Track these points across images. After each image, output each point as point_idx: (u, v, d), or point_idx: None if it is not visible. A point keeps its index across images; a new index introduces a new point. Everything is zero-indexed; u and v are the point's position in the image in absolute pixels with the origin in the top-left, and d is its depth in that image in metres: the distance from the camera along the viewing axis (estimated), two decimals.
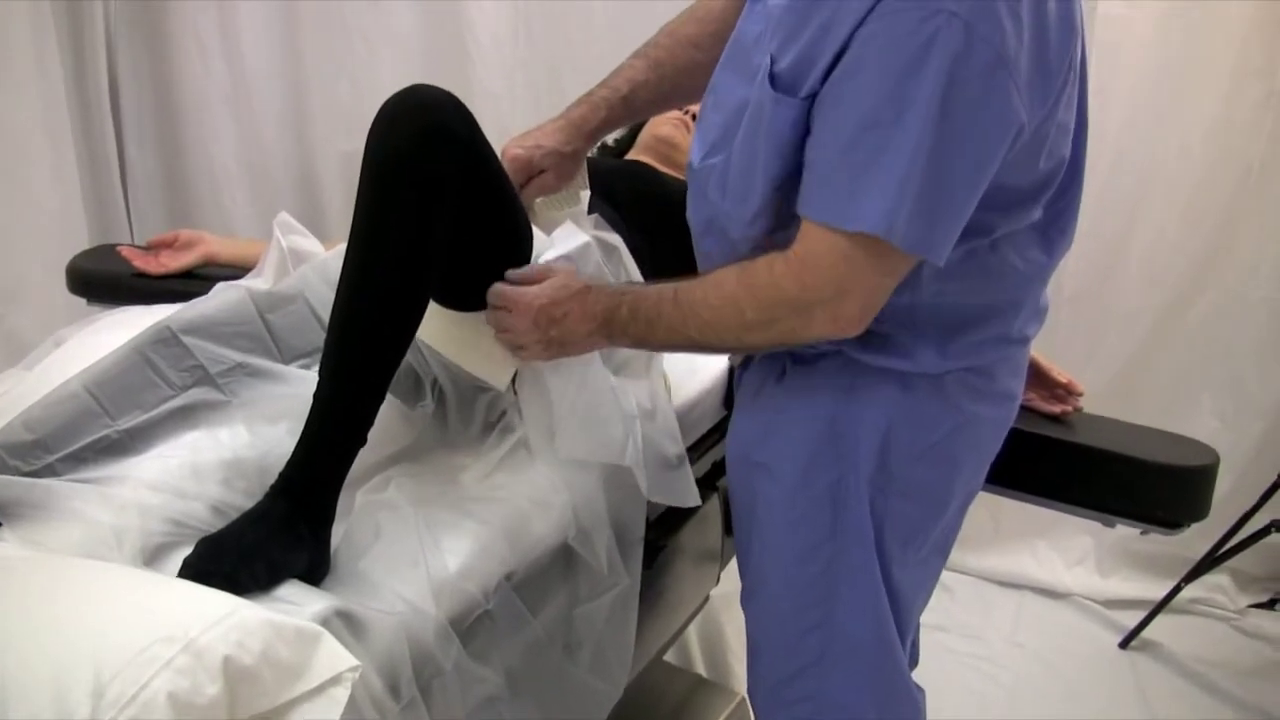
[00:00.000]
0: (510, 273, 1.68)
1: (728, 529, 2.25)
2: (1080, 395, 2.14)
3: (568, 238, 1.81)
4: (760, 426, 1.68)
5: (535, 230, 1.80)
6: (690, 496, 1.89)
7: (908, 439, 1.58)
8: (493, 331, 1.69)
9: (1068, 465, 2.01)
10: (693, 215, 1.65)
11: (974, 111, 1.30)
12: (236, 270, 2.30)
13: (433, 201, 1.52)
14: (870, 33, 1.30)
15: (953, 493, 1.65)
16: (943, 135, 1.29)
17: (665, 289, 1.57)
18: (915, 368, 1.55)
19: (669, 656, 2.71)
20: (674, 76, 1.86)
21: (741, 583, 1.78)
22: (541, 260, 1.75)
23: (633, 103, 1.88)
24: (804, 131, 1.41)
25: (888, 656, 1.67)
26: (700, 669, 2.89)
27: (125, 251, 2.44)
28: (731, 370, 2.16)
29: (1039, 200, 1.50)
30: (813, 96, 1.37)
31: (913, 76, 1.28)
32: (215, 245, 2.42)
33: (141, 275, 2.39)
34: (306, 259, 1.98)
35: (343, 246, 1.75)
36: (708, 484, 2.18)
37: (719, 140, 1.55)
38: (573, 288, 1.64)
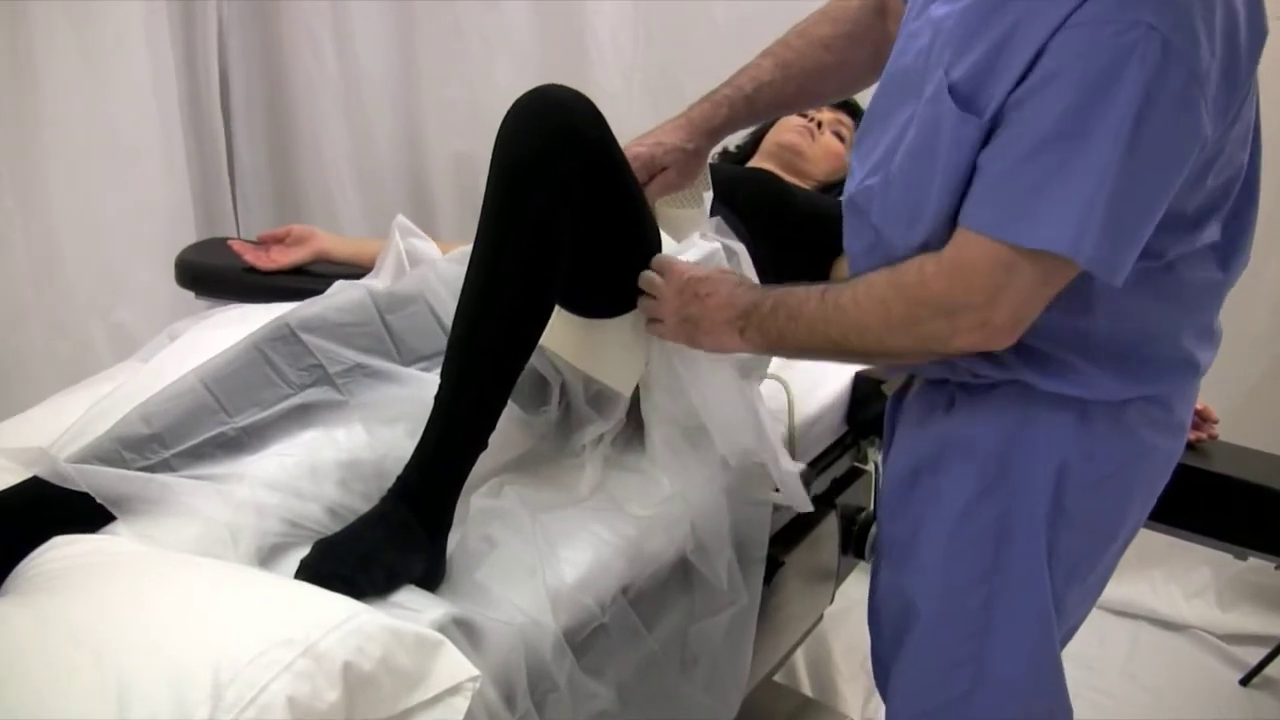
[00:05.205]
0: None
1: (844, 547, 2.23)
2: (1215, 422, 2.09)
3: (696, 245, 1.79)
4: (928, 453, 1.64)
5: (664, 236, 1.78)
6: (803, 501, 1.85)
7: (1083, 470, 1.53)
8: (617, 337, 1.69)
9: (1202, 494, 1.97)
10: (852, 242, 1.61)
11: (1166, 130, 1.26)
12: (349, 268, 2.31)
13: (562, 205, 1.51)
14: (1062, 43, 1.26)
15: (1123, 524, 1.61)
16: (1133, 154, 1.25)
17: (814, 288, 1.54)
18: (1094, 395, 1.50)
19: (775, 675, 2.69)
20: (800, 78, 1.83)
21: (878, 606, 1.75)
22: None
23: (756, 103, 1.84)
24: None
25: (1042, 698, 1.63)
26: (807, 689, 2.85)
27: (236, 245, 2.44)
28: (861, 390, 2.14)
29: (1208, 222, 1.44)
30: (996, 115, 1.33)
31: (1107, 91, 1.24)
32: (327, 242, 2.42)
33: (251, 270, 2.39)
34: (423, 262, 1.98)
35: (460, 250, 1.75)
36: (827, 500, 2.16)
37: (879, 162, 1.51)
38: (727, 274, 1.64)
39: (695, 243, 1.78)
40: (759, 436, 1.75)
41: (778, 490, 1.82)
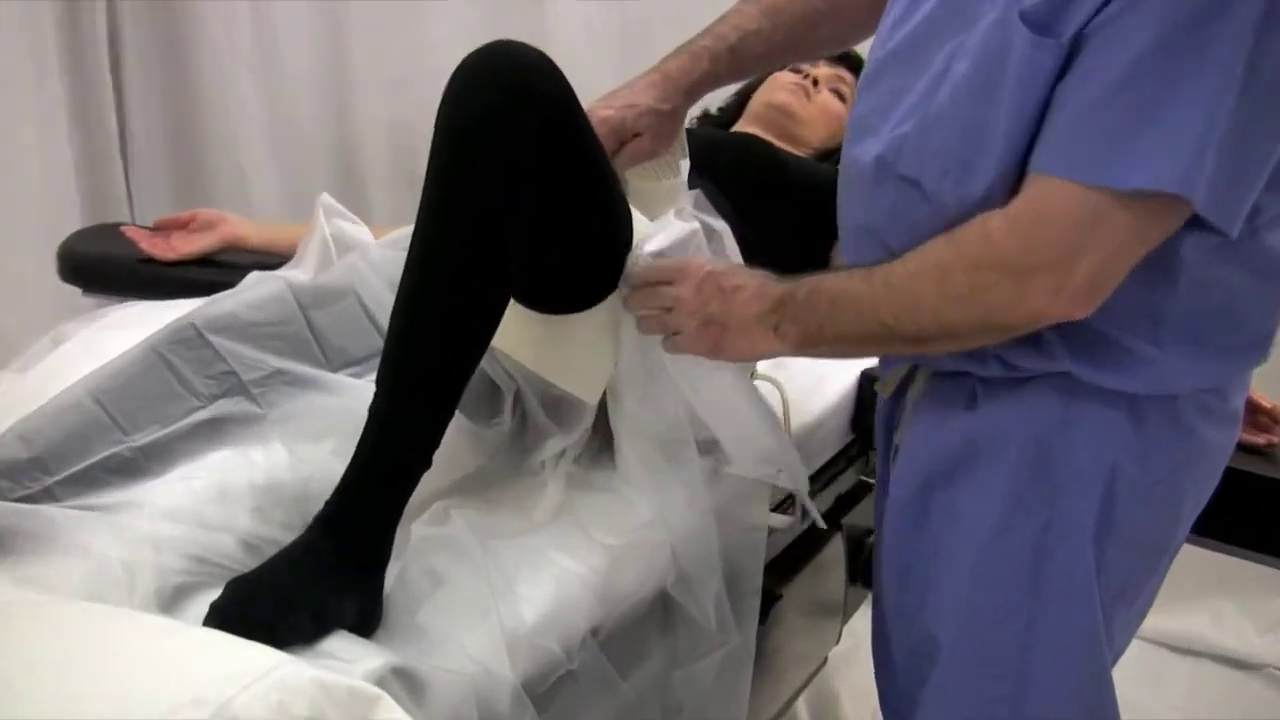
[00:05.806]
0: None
1: (852, 575, 2.23)
2: None
3: (671, 225, 1.79)
4: (945, 459, 1.63)
5: (635, 214, 1.77)
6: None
7: (1134, 475, 1.52)
8: (580, 336, 1.68)
9: (1275, 509, 1.96)
10: (867, 208, 1.60)
11: None
12: (264, 258, 2.29)
13: (515, 174, 1.49)
14: None
15: (1175, 535, 1.61)
16: (1255, 76, 1.25)
17: (854, 270, 1.54)
18: (1148, 389, 1.50)
19: None
20: (790, 25, 1.83)
21: (887, 644, 1.74)
22: (644, 250, 1.73)
23: (741, 54, 1.85)
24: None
25: None
26: None
27: (130, 232, 2.42)
28: (861, 395, 2.14)
29: None
30: (1077, 38, 1.32)
31: (1219, 3, 1.23)
32: (241, 228, 2.40)
33: (149, 261, 2.38)
34: (353, 249, 1.97)
35: (397, 233, 1.74)
36: (831, 521, 2.15)
37: (912, 107, 1.49)
38: (750, 268, 1.64)
39: (670, 222, 1.77)
40: (778, 437, 1.75)
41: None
